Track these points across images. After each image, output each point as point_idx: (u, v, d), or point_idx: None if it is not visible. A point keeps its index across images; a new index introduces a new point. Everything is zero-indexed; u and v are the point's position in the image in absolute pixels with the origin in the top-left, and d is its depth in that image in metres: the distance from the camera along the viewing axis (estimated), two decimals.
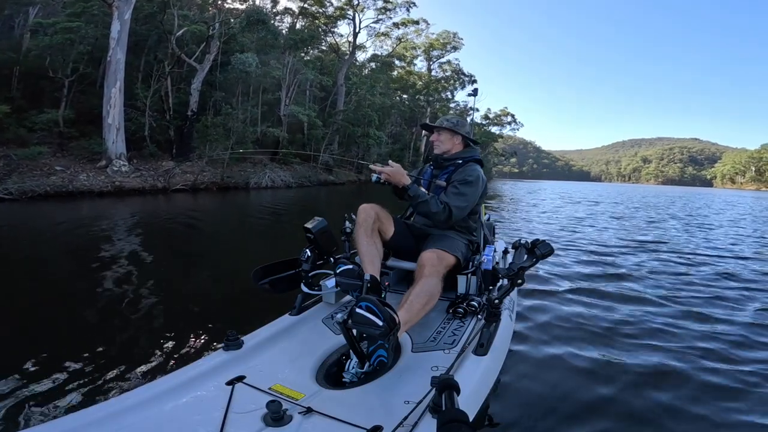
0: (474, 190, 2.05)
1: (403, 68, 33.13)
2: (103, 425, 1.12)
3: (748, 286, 3.82)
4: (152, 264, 4.27)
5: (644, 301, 3.23)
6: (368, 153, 21.09)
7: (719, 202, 22.82)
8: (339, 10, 23.51)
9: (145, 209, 9.16)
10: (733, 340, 2.53)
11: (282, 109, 17.56)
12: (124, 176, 12.53)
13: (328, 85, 20.04)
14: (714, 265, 4.75)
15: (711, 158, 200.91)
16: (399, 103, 30.37)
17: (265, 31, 15.14)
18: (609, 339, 2.48)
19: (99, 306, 2.90)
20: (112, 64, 11.21)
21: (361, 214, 2.02)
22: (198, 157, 14.47)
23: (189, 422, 1.18)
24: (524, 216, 10.44)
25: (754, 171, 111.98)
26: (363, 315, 1.35)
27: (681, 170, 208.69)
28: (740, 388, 1.93)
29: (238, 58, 13.91)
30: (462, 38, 34.93)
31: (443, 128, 2.21)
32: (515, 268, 1.60)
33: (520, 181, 76.89)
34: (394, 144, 30.37)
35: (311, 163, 19.07)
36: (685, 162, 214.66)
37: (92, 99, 13.26)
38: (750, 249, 6.10)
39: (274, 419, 1.15)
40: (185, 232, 6.57)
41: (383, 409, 1.25)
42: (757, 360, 2.25)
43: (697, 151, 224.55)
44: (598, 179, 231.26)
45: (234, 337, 1.56)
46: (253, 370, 1.44)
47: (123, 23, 10.87)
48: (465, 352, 1.53)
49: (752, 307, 3.22)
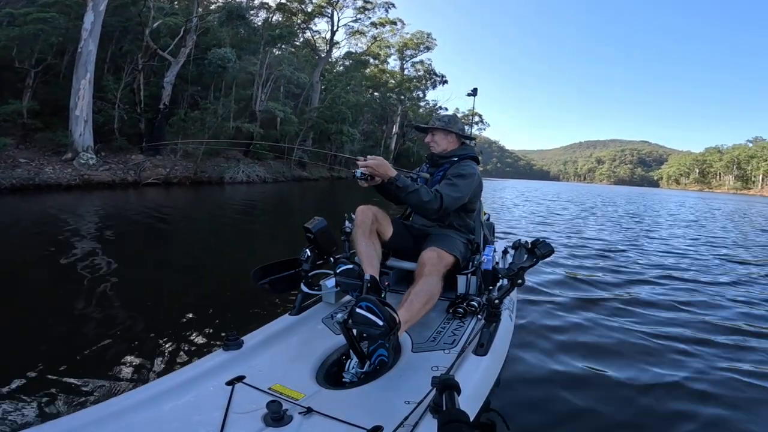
0: (467, 183, 2.05)
1: (376, 66, 33.47)
2: (103, 425, 1.12)
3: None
4: (128, 261, 4.16)
5: (650, 305, 3.23)
6: (341, 150, 21.37)
7: (672, 203, 23.60)
8: (318, 8, 23.51)
9: (116, 203, 8.93)
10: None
11: (257, 105, 17.48)
12: (92, 169, 12.19)
13: (304, 82, 20.10)
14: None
15: (658, 160, 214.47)
16: (371, 100, 30.70)
17: (244, 27, 15.03)
18: (612, 340, 2.46)
19: (74, 306, 2.79)
20: (83, 56, 10.89)
21: (359, 216, 2.02)
22: (171, 150, 14.23)
23: (189, 422, 1.19)
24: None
25: (697, 173, 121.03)
26: (363, 315, 1.36)
27: (631, 171, 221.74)
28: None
29: (217, 53, 13.78)
30: (435, 39, 35.79)
31: (436, 128, 2.21)
32: (515, 268, 1.61)
33: (487, 180, 78.85)
34: (365, 141, 30.70)
35: (285, 159, 19.10)
36: (635, 163, 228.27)
37: (57, 90, 12.74)
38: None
39: (274, 419, 1.15)
40: (164, 228, 6.53)
41: (383, 409, 1.25)
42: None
43: (646, 153, 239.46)
44: (556, 178, 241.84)
45: (234, 337, 1.56)
46: (253, 370, 1.44)
47: (97, 14, 10.60)
48: (465, 352, 1.54)
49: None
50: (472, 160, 2.21)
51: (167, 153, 14.85)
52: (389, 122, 35.88)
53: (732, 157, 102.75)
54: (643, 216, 13.04)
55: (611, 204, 18.96)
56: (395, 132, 36.19)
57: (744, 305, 3.40)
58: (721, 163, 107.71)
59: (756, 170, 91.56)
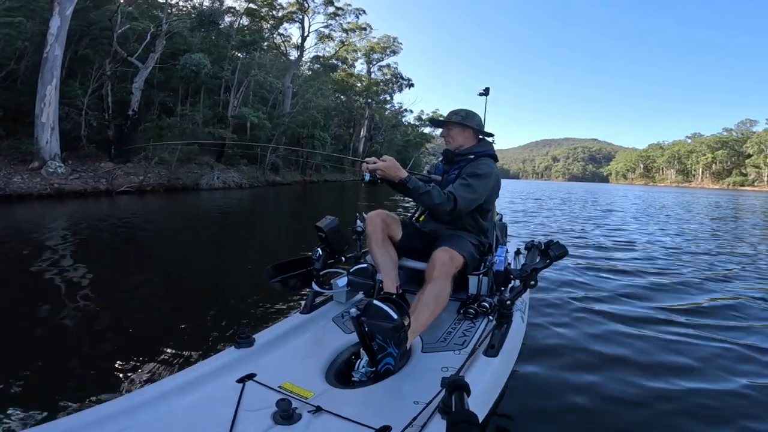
0: (483, 184, 1.96)
1: (344, 70, 33.80)
2: (114, 422, 1.13)
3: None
4: (131, 265, 4.19)
5: (670, 310, 3.10)
6: (314, 154, 21.52)
7: (627, 195, 25.12)
8: (289, 14, 23.56)
9: (92, 213, 8.62)
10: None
11: (230, 110, 17.34)
12: (61, 178, 11.78)
13: (277, 87, 20.09)
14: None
15: (607, 157, 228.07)
16: (340, 104, 31.00)
17: (216, 32, 14.91)
18: (626, 344, 2.40)
19: (85, 308, 2.82)
20: (49, 61, 10.53)
21: (369, 225, 2.00)
22: (144, 157, 13.91)
23: (199, 419, 1.20)
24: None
25: (642, 168, 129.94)
26: (379, 306, 1.38)
27: (583, 168, 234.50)
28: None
29: (191, 59, 13.61)
30: (401, 43, 36.62)
31: (452, 123, 2.13)
32: (528, 269, 1.59)
33: None
34: (335, 144, 30.92)
35: (259, 164, 19.01)
36: (587, 160, 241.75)
37: (18, 96, 12.17)
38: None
39: (284, 417, 1.16)
40: (158, 232, 6.55)
41: (392, 409, 1.25)
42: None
43: (596, 150, 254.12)
44: (516, 177, 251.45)
45: (246, 335, 1.56)
46: (263, 368, 1.45)
47: (64, 19, 10.29)
48: (475, 353, 1.53)
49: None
50: (490, 158, 2.11)
51: (138, 160, 14.49)
52: (356, 125, 36.27)
53: (673, 153, 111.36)
54: (615, 212, 14.07)
55: (592, 201, 20.03)
56: (363, 135, 36.61)
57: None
58: (663, 159, 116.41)
59: (695, 164, 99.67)
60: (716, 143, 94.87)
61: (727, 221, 11.29)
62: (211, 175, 15.42)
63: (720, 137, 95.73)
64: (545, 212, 12.23)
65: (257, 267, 3.78)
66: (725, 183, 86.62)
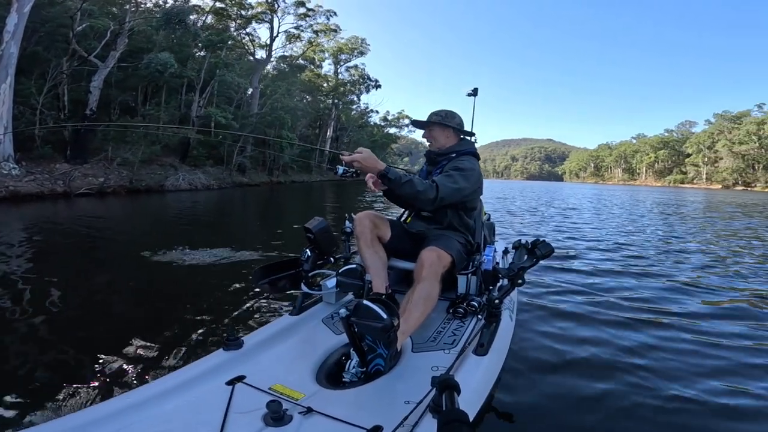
0: (465, 177, 1.95)
1: (311, 71, 33.69)
2: (103, 425, 1.12)
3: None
4: (118, 266, 4.14)
5: (653, 301, 3.19)
6: (281, 154, 21.51)
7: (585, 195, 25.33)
8: (258, 14, 23.27)
9: (54, 216, 8.30)
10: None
11: (194, 110, 17.04)
12: (16, 180, 11.28)
13: (245, 87, 19.88)
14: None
15: (562, 156, 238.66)
16: (307, 104, 30.94)
17: (182, 31, 14.60)
18: (616, 340, 2.42)
19: (72, 309, 2.82)
20: (4, 59, 10.10)
21: (358, 226, 2.00)
22: (104, 158, 13.49)
23: (189, 422, 1.19)
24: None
25: (593, 167, 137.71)
26: (369, 306, 1.38)
27: (540, 167, 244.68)
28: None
29: (157, 59, 13.30)
30: (369, 44, 36.94)
31: (433, 123, 2.15)
32: (515, 268, 1.61)
33: None
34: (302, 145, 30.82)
35: (225, 165, 18.78)
36: (543, 160, 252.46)
37: None
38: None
39: (274, 419, 1.15)
40: (148, 231, 6.46)
41: (383, 409, 1.25)
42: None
43: (551, 150, 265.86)
44: None
45: (234, 337, 1.56)
46: (253, 369, 1.45)
47: (21, 16, 9.91)
48: (465, 352, 1.53)
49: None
50: (471, 156, 2.13)
51: (97, 161, 14.01)
52: (323, 126, 36.29)
53: (620, 153, 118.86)
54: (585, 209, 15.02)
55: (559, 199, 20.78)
56: (329, 135, 36.67)
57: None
58: (611, 158, 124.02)
59: (639, 163, 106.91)
60: (658, 143, 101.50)
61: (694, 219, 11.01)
62: (177, 177, 15.15)
63: (662, 138, 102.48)
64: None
65: (242, 269, 3.93)
66: (666, 180, 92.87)
